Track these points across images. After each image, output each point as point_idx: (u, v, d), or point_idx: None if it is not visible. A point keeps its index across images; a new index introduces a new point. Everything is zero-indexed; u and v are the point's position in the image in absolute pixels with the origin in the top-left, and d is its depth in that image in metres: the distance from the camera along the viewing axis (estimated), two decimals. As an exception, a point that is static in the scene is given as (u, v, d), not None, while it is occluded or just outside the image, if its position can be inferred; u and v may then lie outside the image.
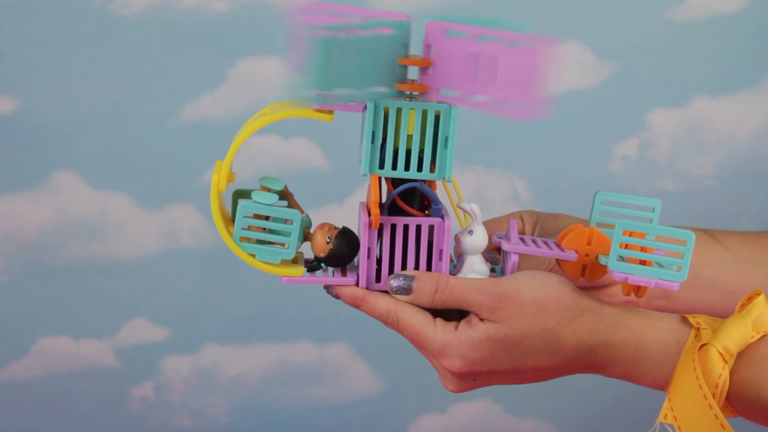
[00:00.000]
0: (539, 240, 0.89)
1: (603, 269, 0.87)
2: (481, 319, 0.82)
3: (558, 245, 0.88)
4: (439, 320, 0.83)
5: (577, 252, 0.87)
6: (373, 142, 0.82)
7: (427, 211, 0.86)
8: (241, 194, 0.88)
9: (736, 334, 0.80)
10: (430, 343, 0.82)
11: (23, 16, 1.29)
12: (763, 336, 0.81)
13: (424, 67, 0.82)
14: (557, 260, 0.88)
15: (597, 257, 0.87)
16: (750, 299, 0.84)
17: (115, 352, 1.38)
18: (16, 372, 1.38)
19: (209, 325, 1.38)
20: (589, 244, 0.87)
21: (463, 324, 0.82)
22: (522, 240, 0.88)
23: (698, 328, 0.82)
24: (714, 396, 0.79)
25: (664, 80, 1.33)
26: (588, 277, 0.88)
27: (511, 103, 0.80)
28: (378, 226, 0.83)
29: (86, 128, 1.32)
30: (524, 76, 0.79)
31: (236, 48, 1.31)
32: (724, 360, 0.80)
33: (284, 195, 0.87)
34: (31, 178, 1.33)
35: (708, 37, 1.31)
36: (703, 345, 0.80)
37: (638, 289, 0.84)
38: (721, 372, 0.79)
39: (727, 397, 0.80)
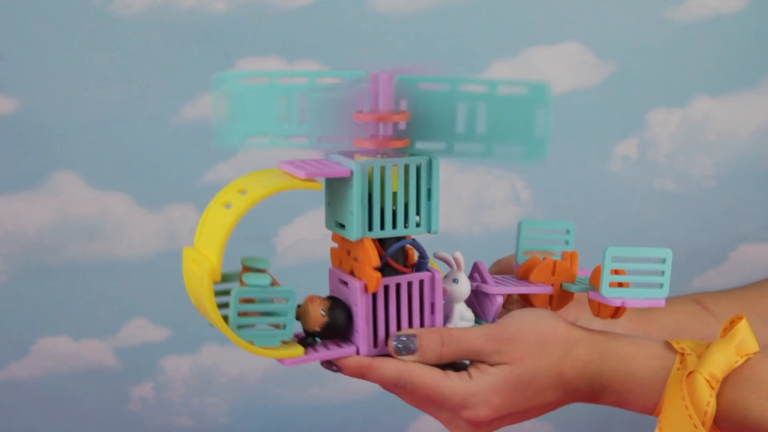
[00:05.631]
0: (507, 278, 0.90)
1: (569, 296, 0.88)
2: (491, 365, 0.81)
3: (523, 281, 0.89)
4: (450, 372, 0.81)
5: (545, 284, 0.88)
6: (361, 205, 0.80)
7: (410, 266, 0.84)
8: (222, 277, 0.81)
9: (721, 360, 0.81)
10: (450, 397, 0.80)
11: (23, 16, 1.29)
12: (747, 359, 0.82)
13: (398, 121, 0.79)
14: (528, 295, 0.89)
15: (561, 286, 0.88)
16: (732, 323, 0.84)
17: (115, 352, 1.38)
18: (16, 372, 1.38)
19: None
20: (553, 274, 0.88)
21: (475, 372, 0.81)
22: (497, 281, 0.89)
23: (683, 354, 0.82)
24: (703, 423, 0.80)
25: (664, 80, 1.32)
26: (555, 306, 0.88)
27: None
28: (376, 289, 0.80)
29: (86, 128, 1.32)
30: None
31: (236, 48, 1.30)
32: (711, 387, 0.80)
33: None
34: (31, 178, 1.33)
35: (708, 37, 1.31)
36: (691, 373, 0.81)
37: (617, 311, 0.86)
38: (709, 399, 0.80)
39: (715, 420, 0.81)
